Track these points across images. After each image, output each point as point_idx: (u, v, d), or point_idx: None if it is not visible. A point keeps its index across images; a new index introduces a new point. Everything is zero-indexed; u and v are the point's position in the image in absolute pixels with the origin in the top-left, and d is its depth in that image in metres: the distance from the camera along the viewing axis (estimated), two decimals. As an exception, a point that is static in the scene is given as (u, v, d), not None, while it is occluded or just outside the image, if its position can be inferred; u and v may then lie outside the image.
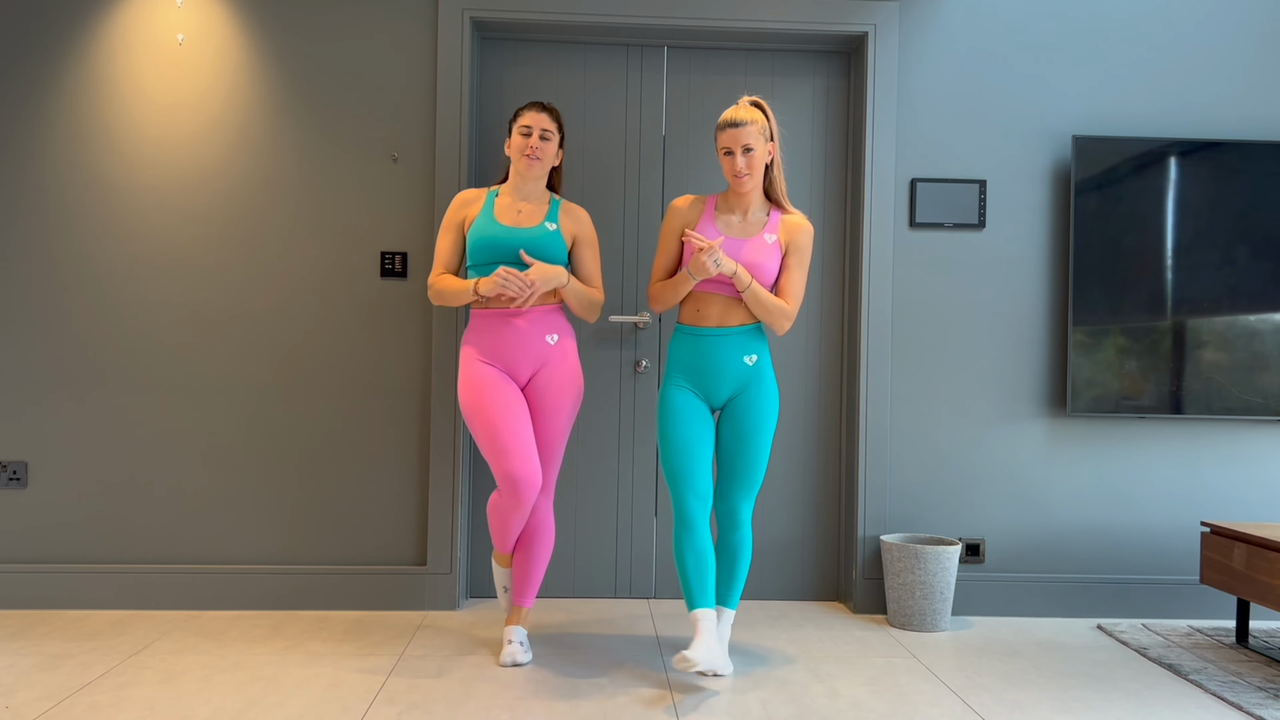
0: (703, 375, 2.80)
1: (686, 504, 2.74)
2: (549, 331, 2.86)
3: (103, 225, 3.39)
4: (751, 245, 2.78)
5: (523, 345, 2.83)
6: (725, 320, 2.80)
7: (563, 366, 2.88)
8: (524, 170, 2.87)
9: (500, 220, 2.86)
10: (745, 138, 2.73)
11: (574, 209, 2.96)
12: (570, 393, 2.89)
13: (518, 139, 2.86)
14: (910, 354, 3.52)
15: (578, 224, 2.94)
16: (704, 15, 3.45)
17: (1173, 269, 3.43)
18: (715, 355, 2.79)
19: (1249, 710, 2.59)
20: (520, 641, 2.89)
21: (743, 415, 2.80)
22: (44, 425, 3.38)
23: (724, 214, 2.84)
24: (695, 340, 2.81)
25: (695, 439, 2.77)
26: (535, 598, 2.92)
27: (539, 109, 2.88)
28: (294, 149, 3.43)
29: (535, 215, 2.88)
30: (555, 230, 2.87)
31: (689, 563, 2.72)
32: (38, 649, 2.94)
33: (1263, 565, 2.98)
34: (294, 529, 3.43)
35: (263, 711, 2.47)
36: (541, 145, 2.85)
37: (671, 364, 2.86)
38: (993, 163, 3.52)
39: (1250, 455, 3.54)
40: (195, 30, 3.40)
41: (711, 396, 2.82)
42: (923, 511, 3.53)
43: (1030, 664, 2.99)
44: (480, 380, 2.80)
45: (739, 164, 2.74)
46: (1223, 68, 3.54)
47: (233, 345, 3.42)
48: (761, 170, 2.78)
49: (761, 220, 2.83)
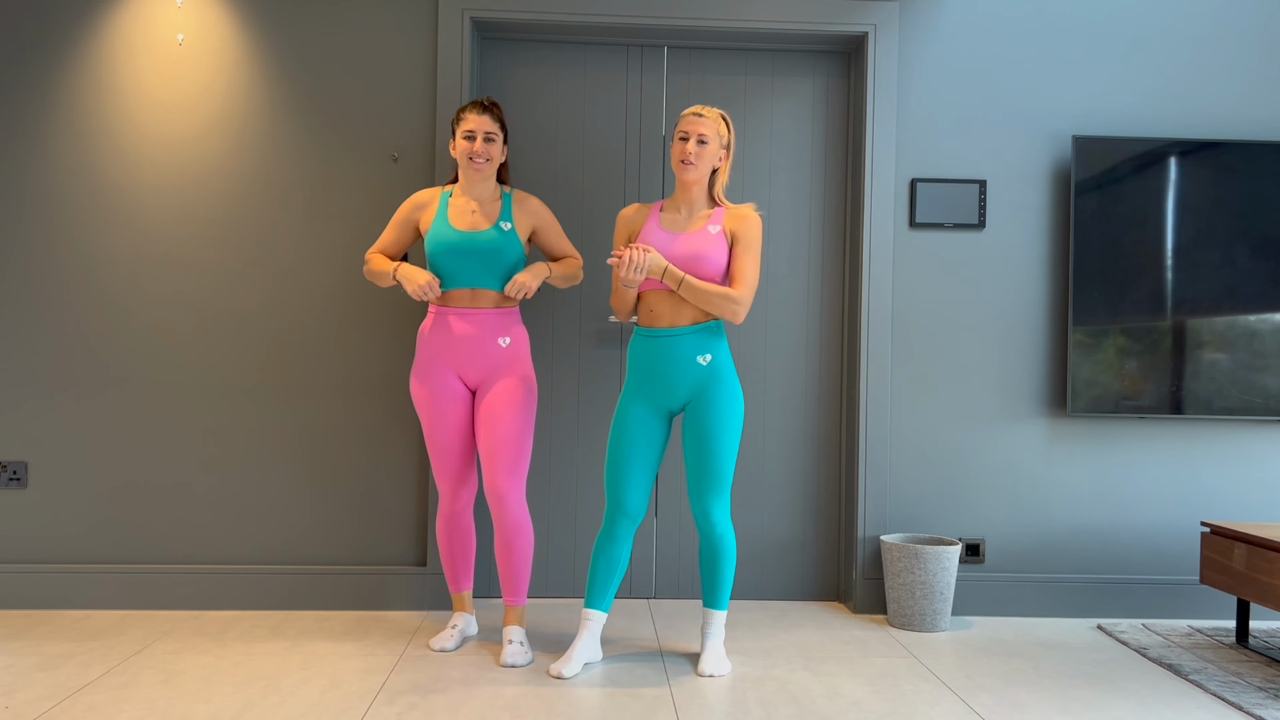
0: (657, 379, 2.81)
1: (615, 522, 2.87)
2: (501, 334, 2.89)
3: (103, 225, 3.39)
4: (692, 237, 2.79)
5: (473, 347, 2.87)
6: (676, 320, 2.80)
7: (514, 369, 2.90)
8: (471, 175, 2.89)
9: (455, 225, 2.88)
10: (702, 126, 2.78)
11: (527, 200, 2.97)
12: (519, 395, 2.89)
13: (462, 143, 2.87)
14: (910, 354, 3.52)
15: (534, 215, 2.97)
16: (704, 15, 3.45)
17: (1173, 269, 3.43)
18: (667, 356, 2.79)
19: (1249, 710, 2.60)
20: (520, 642, 2.90)
21: (702, 417, 2.80)
22: (44, 425, 3.38)
23: (669, 212, 2.87)
24: (649, 342, 2.82)
25: (636, 459, 2.83)
26: (526, 595, 2.94)
27: (480, 110, 2.87)
28: (294, 149, 3.43)
29: (489, 216, 2.90)
30: (510, 229, 2.89)
31: (599, 567, 2.88)
32: (38, 649, 2.94)
33: (1263, 565, 2.98)
34: (294, 529, 3.43)
35: (263, 711, 2.47)
36: (486, 149, 2.86)
37: (629, 370, 2.88)
38: (993, 163, 3.52)
39: (1250, 455, 3.54)
40: (195, 30, 3.41)
41: (669, 399, 2.83)
42: (923, 511, 3.53)
43: (1030, 664, 2.99)
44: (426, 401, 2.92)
45: (689, 149, 2.77)
46: (1223, 68, 3.54)
47: (233, 345, 3.42)
48: (709, 166, 2.81)
49: (705, 214, 2.85)
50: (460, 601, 3.09)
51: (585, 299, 3.61)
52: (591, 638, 2.88)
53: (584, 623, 2.89)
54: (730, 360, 2.85)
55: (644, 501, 2.86)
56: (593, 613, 2.89)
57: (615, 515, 2.85)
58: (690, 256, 2.77)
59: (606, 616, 2.97)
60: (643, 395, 2.84)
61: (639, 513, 2.86)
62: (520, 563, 2.92)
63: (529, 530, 2.92)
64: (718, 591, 2.89)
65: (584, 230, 3.61)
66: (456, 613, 3.09)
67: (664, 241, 2.80)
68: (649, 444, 2.84)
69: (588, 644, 2.87)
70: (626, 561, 2.90)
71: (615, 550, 2.86)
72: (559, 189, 3.61)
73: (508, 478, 2.86)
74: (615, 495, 2.84)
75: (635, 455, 2.82)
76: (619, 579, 2.90)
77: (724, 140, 2.83)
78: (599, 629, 2.90)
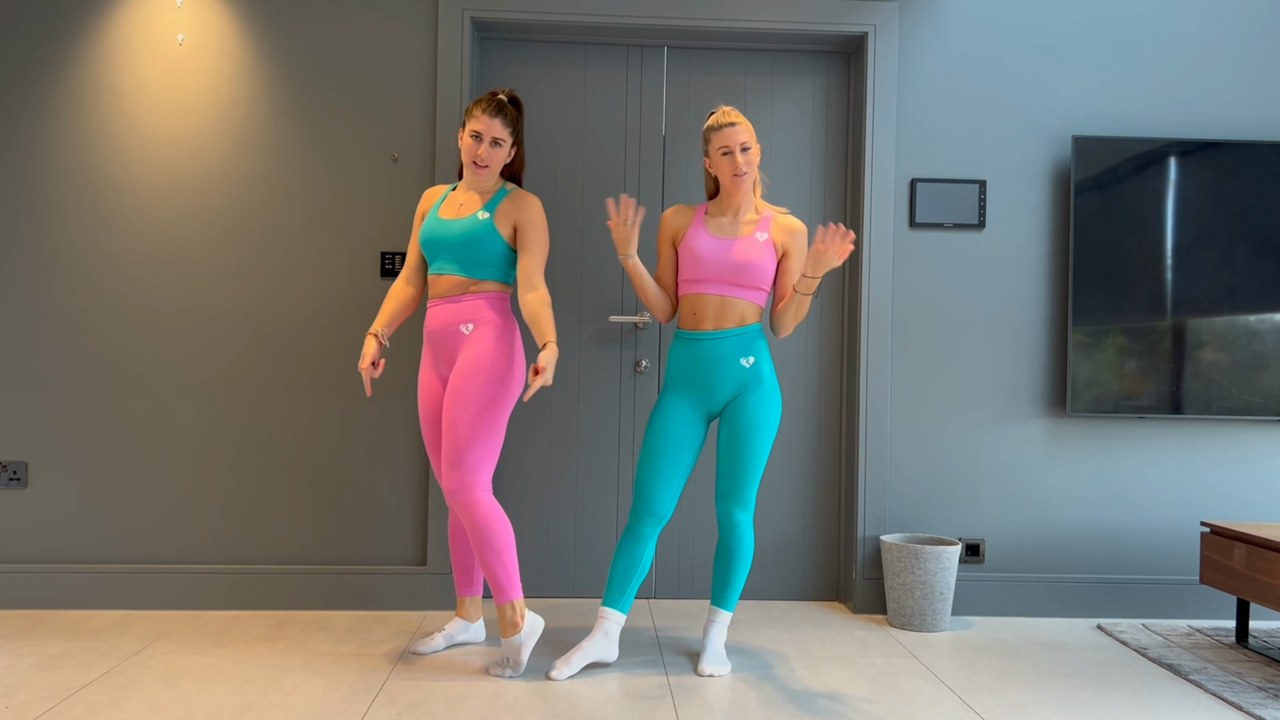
0: (700, 380, 2.81)
1: (642, 521, 2.83)
2: (464, 321, 2.78)
3: (103, 225, 3.39)
4: (742, 244, 2.79)
5: (443, 338, 2.81)
6: (721, 323, 2.80)
7: (473, 353, 2.73)
8: (472, 173, 2.82)
9: (442, 214, 2.85)
10: (742, 135, 2.78)
11: (521, 197, 2.82)
12: (478, 379, 2.70)
13: (468, 141, 2.79)
14: (910, 354, 3.52)
15: (520, 210, 2.80)
16: (704, 15, 3.45)
17: (1172, 269, 3.43)
18: (712, 358, 2.79)
19: (1249, 710, 2.60)
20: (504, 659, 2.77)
21: (739, 418, 2.79)
22: (44, 425, 3.38)
23: (714, 217, 2.86)
24: (692, 345, 2.81)
25: (671, 460, 2.80)
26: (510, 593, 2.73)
27: (492, 112, 2.76)
28: (294, 149, 3.43)
29: (474, 206, 2.83)
30: (487, 220, 2.78)
31: (620, 565, 2.84)
32: (38, 649, 2.94)
33: (1263, 565, 2.98)
34: (294, 529, 3.43)
35: (263, 711, 2.47)
36: (490, 153, 2.78)
37: (670, 371, 2.86)
38: (993, 163, 3.52)
39: (1250, 455, 3.54)
40: (195, 30, 3.41)
41: (710, 402, 2.82)
42: (923, 511, 3.53)
43: (1030, 664, 2.99)
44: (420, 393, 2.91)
45: (739, 162, 2.77)
46: (1222, 68, 3.54)
47: (233, 345, 3.42)
48: (757, 167, 2.83)
49: (753, 220, 2.84)
50: (461, 606, 3.05)
51: (585, 299, 3.61)
52: (604, 637, 2.83)
53: (599, 621, 2.84)
54: (771, 364, 2.85)
55: (672, 503, 2.83)
56: (609, 611, 2.84)
57: (642, 515, 2.81)
58: (741, 264, 2.77)
59: (625, 618, 2.90)
60: (684, 396, 2.83)
61: (666, 514, 2.82)
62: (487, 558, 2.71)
63: (489, 524, 2.69)
64: (728, 591, 2.89)
65: (584, 230, 3.61)
66: (456, 618, 3.05)
67: (713, 247, 2.79)
68: (686, 446, 2.82)
69: (599, 644, 2.82)
70: (649, 563, 2.86)
71: (639, 550, 2.82)
72: (559, 189, 3.61)
73: (450, 470, 2.69)
74: (645, 495, 2.81)
75: (670, 456, 2.80)
76: (639, 580, 2.85)
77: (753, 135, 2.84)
78: (615, 630, 2.84)
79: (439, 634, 2.99)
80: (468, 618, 3.05)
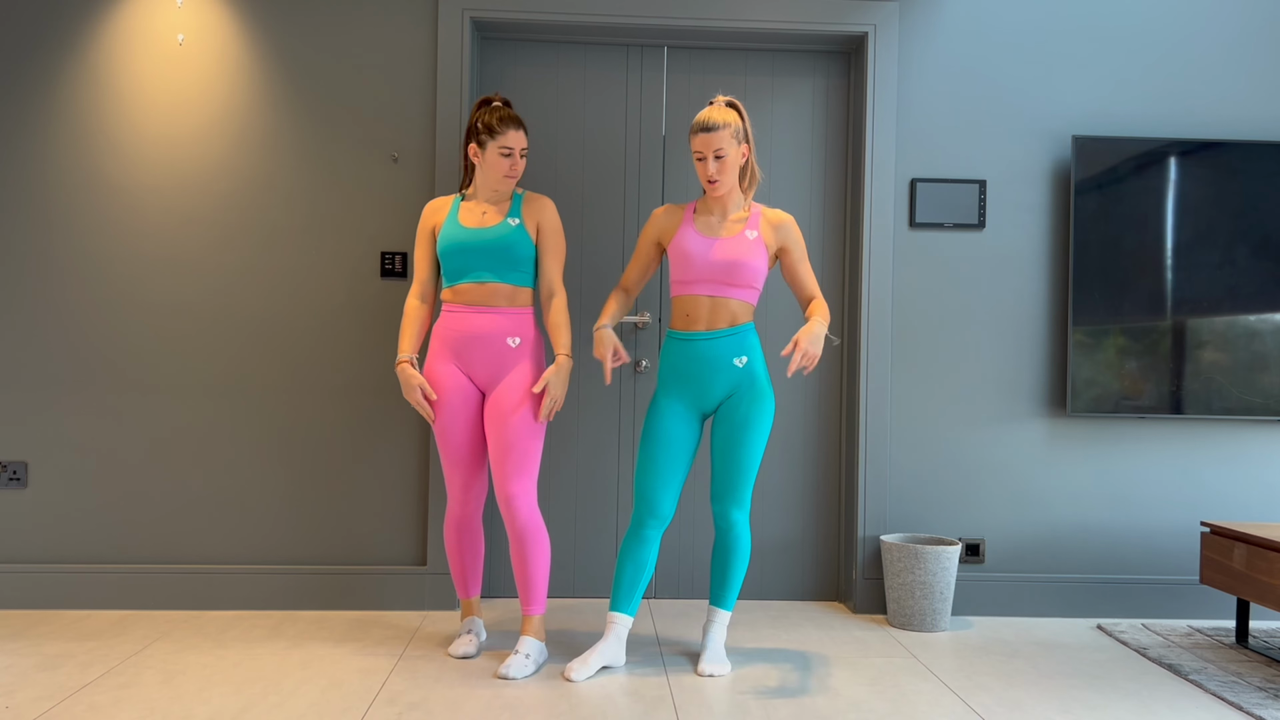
0: (693, 381, 2.80)
1: (644, 524, 2.83)
2: (511, 334, 2.84)
3: (103, 225, 3.39)
4: (730, 243, 2.78)
5: (483, 346, 2.82)
6: (714, 323, 2.80)
7: (523, 369, 2.83)
8: (499, 185, 2.85)
9: (464, 223, 2.86)
10: (717, 143, 2.73)
11: (536, 199, 2.90)
12: (529, 396, 2.81)
13: (499, 159, 2.81)
14: (910, 354, 3.52)
15: (540, 213, 2.88)
16: (704, 15, 3.45)
17: (1172, 269, 3.43)
18: (705, 359, 2.78)
19: (1249, 710, 2.60)
20: (526, 654, 2.81)
21: (733, 418, 2.79)
22: (44, 425, 3.38)
23: (703, 215, 2.85)
24: (685, 345, 2.81)
25: (668, 461, 2.80)
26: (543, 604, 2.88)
27: (515, 124, 2.82)
28: (294, 149, 3.43)
29: (498, 213, 2.87)
30: (518, 225, 2.84)
31: (626, 568, 2.84)
32: (38, 649, 2.94)
33: (1263, 565, 2.98)
34: (294, 529, 3.43)
35: (263, 711, 2.47)
36: (521, 164, 2.86)
37: (662, 372, 2.86)
38: (992, 163, 3.52)
39: (1250, 455, 3.54)
40: (195, 30, 3.41)
41: (703, 402, 2.82)
42: (923, 511, 3.53)
43: (1030, 664, 2.99)
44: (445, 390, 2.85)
45: (710, 169, 2.75)
46: (1223, 68, 3.54)
47: (233, 345, 3.42)
48: (734, 174, 2.78)
49: (741, 218, 2.83)
50: (469, 606, 3.04)
51: (585, 299, 3.61)
52: (616, 641, 2.83)
53: (609, 626, 2.84)
54: (764, 363, 2.85)
55: (673, 504, 2.83)
56: (618, 616, 2.84)
57: (644, 517, 2.82)
58: (730, 263, 2.76)
59: (632, 621, 2.90)
60: (677, 397, 2.83)
61: (668, 515, 2.83)
62: (535, 569, 2.84)
63: (542, 534, 2.84)
64: (726, 591, 2.89)
65: (584, 230, 3.61)
66: (467, 618, 3.03)
67: (701, 246, 2.79)
68: (682, 446, 2.82)
69: (610, 647, 2.82)
70: (653, 564, 2.86)
71: (643, 552, 2.82)
72: (559, 189, 3.61)
73: (516, 480, 2.80)
74: (645, 497, 2.81)
75: (668, 457, 2.80)
76: (645, 582, 2.86)
77: (740, 134, 2.77)
78: (624, 634, 2.85)
79: (467, 636, 2.97)
80: (479, 614, 3.07)
